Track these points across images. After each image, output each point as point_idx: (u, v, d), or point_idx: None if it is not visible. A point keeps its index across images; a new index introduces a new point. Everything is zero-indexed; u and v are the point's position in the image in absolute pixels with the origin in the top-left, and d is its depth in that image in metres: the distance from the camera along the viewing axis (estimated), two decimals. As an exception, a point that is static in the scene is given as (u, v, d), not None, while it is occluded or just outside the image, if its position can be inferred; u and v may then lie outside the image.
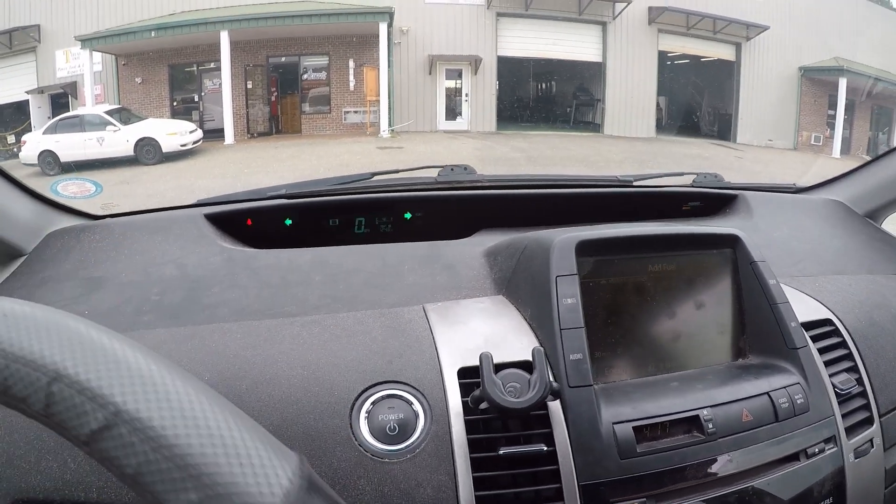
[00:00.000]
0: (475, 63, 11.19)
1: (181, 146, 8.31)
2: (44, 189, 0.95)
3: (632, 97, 11.60)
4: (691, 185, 1.18)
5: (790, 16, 11.96)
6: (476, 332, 0.67)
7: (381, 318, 0.71)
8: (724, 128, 12.27)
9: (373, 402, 0.59)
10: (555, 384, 0.56)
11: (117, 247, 0.85)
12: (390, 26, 10.14)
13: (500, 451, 0.56)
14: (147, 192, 6.78)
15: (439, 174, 1.09)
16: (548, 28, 11.46)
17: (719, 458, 0.60)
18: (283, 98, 10.85)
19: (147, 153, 8.00)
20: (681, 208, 1.16)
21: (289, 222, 1.01)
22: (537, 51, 11.63)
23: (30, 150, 7.74)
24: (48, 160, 7.57)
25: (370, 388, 0.60)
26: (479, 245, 0.89)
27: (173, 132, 8.42)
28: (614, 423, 0.58)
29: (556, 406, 0.59)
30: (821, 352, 0.73)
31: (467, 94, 11.27)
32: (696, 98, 12.52)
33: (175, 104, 10.58)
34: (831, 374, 0.72)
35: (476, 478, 0.56)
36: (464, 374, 0.62)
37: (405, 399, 0.60)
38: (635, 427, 0.58)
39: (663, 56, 12.08)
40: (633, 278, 0.69)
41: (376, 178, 1.07)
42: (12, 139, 8.84)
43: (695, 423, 0.60)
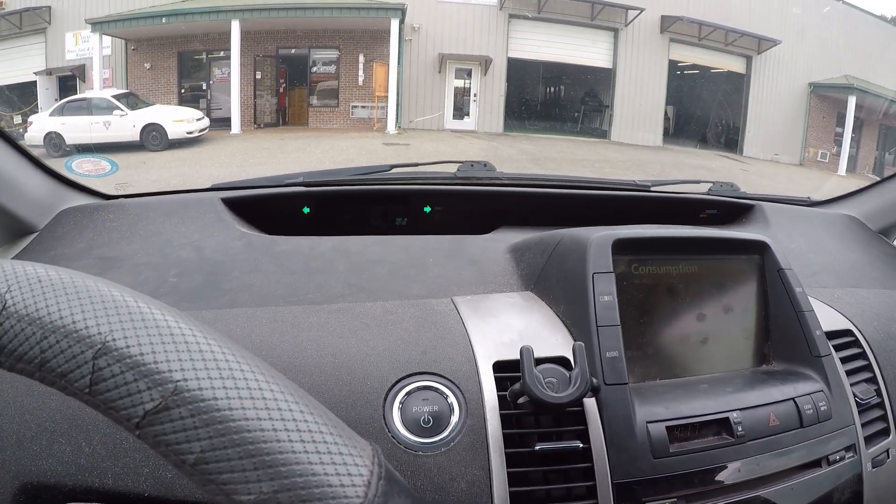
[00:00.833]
0: (485, 63, 11.19)
1: (187, 133, 8.30)
2: (57, 166, 0.93)
3: (640, 105, 11.59)
4: (708, 194, 1.18)
5: (802, 31, 11.96)
6: (510, 327, 0.66)
7: (410, 309, 0.69)
8: (731, 140, 12.26)
9: (407, 394, 0.58)
10: (594, 381, 0.55)
11: (132, 227, 0.84)
12: (402, 23, 10.14)
13: (536, 447, 0.56)
14: (151, 179, 6.76)
15: (458, 169, 1.08)
16: (559, 32, 11.46)
17: (747, 461, 0.60)
18: (291, 90, 10.84)
19: (153, 139, 7.99)
20: (698, 215, 1.17)
21: (306, 210, 0.99)
22: (548, 54, 11.62)
23: (36, 132, 7.73)
24: (54, 142, 7.58)
25: (404, 378, 0.59)
26: (501, 241, 0.88)
27: (180, 119, 8.42)
28: (648, 422, 0.58)
29: (590, 403, 0.59)
30: (842, 361, 0.74)
31: (476, 95, 11.27)
32: (704, 109, 12.49)
33: (183, 91, 10.57)
34: (852, 384, 0.73)
35: (510, 473, 0.55)
36: (499, 367, 0.61)
37: (440, 391, 0.59)
38: (668, 427, 0.58)
39: (673, 65, 12.08)
40: (665, 279, 0.69)
41: (395, 170, 1.06)
42: (18, 119, 8.82)
43: (724, 425, 0.60)
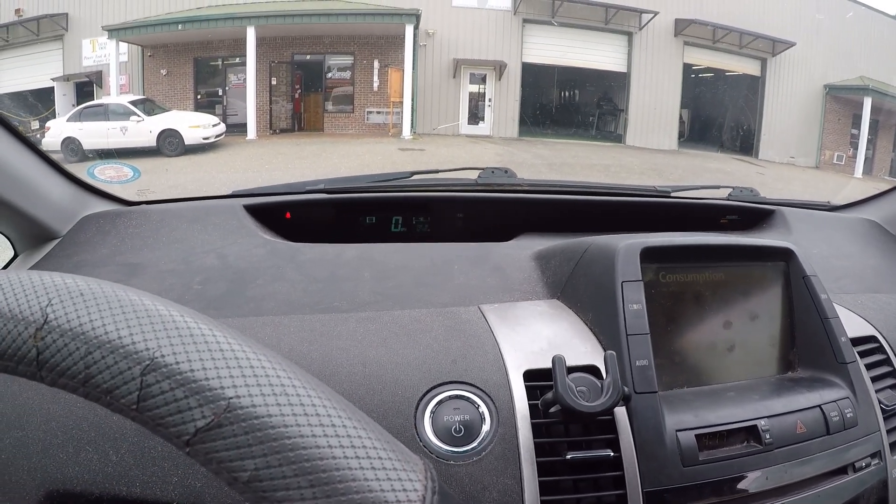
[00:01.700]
0: (500, 68, 11.19)
1: (203, 139, 8.32)
2: (79, 172, 0.93)
3: (655, 109, 11.56)
4: (728, 199, 1.18)
5: (817, 33, 11.91)
6: (539, 335, 0.66)
7: (438, 317, 0.70)
8: (746, 143, 12.18)
9: (438, 403, 0.58)
10: (626, 389, 0.56)
11: (155, 234, 0.84)
12: (416, 28, 10.16)
13: (568, 456, 0.56)
14: (169, 184, 6.76)
15: (479, 176, 1.08)
16: (573, 36, 11.46)
17: (774, 469, 0.60)
18: (306, 96, 10.89)
19: (169, 145, 8.01)
20: (718, 221, 1.16)
21: (328, 217, 1.00)
22: (562, 58, 11.61)
23: (53, 137, 7.77)
24: (71, 147, 7.61)
25: (435, 388, 0.60)
26: (525, 248, 0.88)
27: (196, 125, 8.44)
28: (678, 430, 0.58)
29: (620, 412, 0.59)
30: (867, 367, 0.74)
31: (490, 100, 11.27)
32: (719, 112, 12.45)
33: (199, 97, 10.64)
34: (877, 390, 0.72)
35: (541, 482, 0.55)
36: (529, 376, 0.61)
37: (471, 400, 0.59)
38: (697, 435, 0.58)
39: (688, 69, 12.05)
40: (691, 287, 0.69)
41: (415, 177, 1.06)
42: (36, 125, 8.85)
43: (752, 433, 0.60)
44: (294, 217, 0.97)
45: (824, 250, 1.06)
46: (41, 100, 9.79)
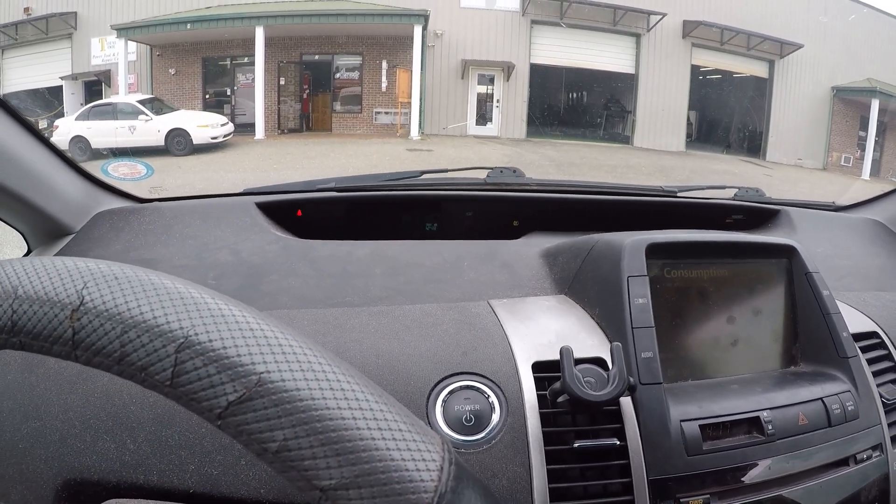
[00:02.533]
0: (508, 69, 11.18)
1: (212, 139, 8.29)
2: (93, 169, 0.94)
3: (663, 110, 11.54)
4: (734, 199, 1.19)
5: (825, 35, 11.90)
6: (547, 329, 0.68)
7: (449, 312, 0.71)
8: (754, 145, 12.16)
9: (449, 393, 0.60)
10: (631, 380, 0.57)
11: (168, 230, 0.85)
12: (425, 29, 10.16)
13: (576, 445, 0.57)
14: (178, 183, 6.74)
15: (488, 175, 1.10)
16: (581, 38, 11.45)
17: (777, 460, 0.61)
18: (314, 96, 10.87)
19: (178, 144, 7.98)
20: (724, 220, 1.17)
21: (339, 215, 1.01)
22: (570, 60, 11.60)
23: (62, 135, 7.74)
24: (79, 146, 7.58)
25: (446, 378, 0.61)
26: (533, 246, 0.89)
27: (204, 124, 8.41)
28: (682, 420, 0.59)
29: (626, 402, 0.60)
30: (868, 362, 0.75)
31: (498, 100, 11.26)
32: (727, 114, 12.43)
33: (207, 97, 10.62)
34: (878, 384, 0.74)
35: (549, 470, 0.57)
36: (538, 367, 0.62)
37: (481, 391, 0.60)
38: (701, 425, 0.60)
39: (696, 70, 12.02)
40: (696, 282, 0.70)
41: (425, 176, 1.07)
42: (44, 123, 8.82)
43: (755, 424, 0.62)
44: (305, 215, 0.98)
45: (828, 249, 1.07)
46: (50, 99, 9.80)
